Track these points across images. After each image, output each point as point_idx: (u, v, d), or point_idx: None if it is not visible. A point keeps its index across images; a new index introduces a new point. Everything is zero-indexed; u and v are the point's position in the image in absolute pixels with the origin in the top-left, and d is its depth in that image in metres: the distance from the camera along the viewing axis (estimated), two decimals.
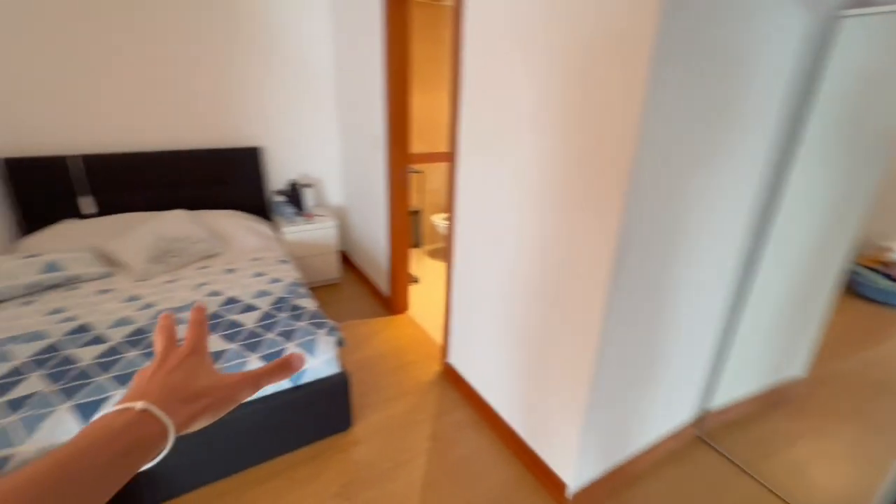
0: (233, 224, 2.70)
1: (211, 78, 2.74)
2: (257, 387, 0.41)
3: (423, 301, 3.01)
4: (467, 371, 2.12)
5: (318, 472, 1.71)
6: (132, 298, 1.99)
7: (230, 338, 1.72)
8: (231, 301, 1.99)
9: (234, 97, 2.85)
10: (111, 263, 2.28)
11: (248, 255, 2.50)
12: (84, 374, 1.49)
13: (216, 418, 0.38)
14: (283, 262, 2.46)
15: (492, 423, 1.94)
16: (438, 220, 3.65)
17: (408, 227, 2.78)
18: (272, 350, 1.68)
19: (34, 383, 1.44)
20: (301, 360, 0.43)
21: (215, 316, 1.86)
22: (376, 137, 2.62)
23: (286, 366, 0.42)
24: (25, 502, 0.26)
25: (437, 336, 2.58)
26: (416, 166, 3.59)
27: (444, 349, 2.29)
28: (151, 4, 2.46)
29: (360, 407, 2.02)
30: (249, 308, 1.94)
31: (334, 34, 3.00)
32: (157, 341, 0.42)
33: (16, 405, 1.35)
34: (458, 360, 2.20)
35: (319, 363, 1.74)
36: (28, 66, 2.27)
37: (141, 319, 1.82)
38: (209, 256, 2.47)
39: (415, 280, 3.32)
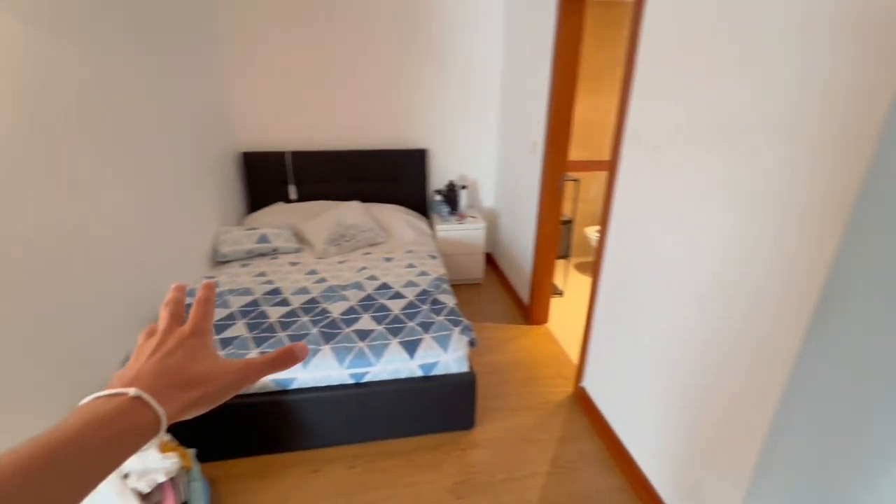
0: (396, 218, 3.00)
1: (391, 85, 3.08)
2: (258, 376, 0.39)
3: (564, 315, 2.87)
4: (601, 399, 1.94)
5: (436, 463, 1.77)
6: (311, 272, 2.38)
7: (378, 320, 1.91)
8: (384, 287, 2.21)
9: (408, 103, 3.15)
10: (301, 241, 2.77)
11: (404, 247, 2.75)
12: (270, 328, 1.84)
13: (212, 406, 0.36)
14: (433, 257, 2.63)
15: (622, 463, 1.74)
16: (591, 232, 3.43)
17: (557, 237, 2.68)
18: (411, 337, 1.80)
19: (239, 328, 1.83)
20: (304, 352, 0.40)
21: (370, 298, 2.09)
22: (535, 143, 2.58)
23: (289, 356, 0.40)
24: (12, 490, 0.24)
25: (575, 355, 2.42)
26: (573, 174, 3.42)
27: (579, 371, 2.13)
28: (353, 29, 2.89)
29: (483, 410, 2.03)
30: (398, 296, 2.12)
31: (505, 39, 3.06)
32: (163, 315, 0.40)
33: (225, 343, 1.74)
34: (592, 386, 2.03)
35: (450, 359, 1.81)
36: (259, 80, 2.91)
37: (315, 291, 2.15)
38: (373, 244, 2.80)
39: (558, 292, 3.18)
